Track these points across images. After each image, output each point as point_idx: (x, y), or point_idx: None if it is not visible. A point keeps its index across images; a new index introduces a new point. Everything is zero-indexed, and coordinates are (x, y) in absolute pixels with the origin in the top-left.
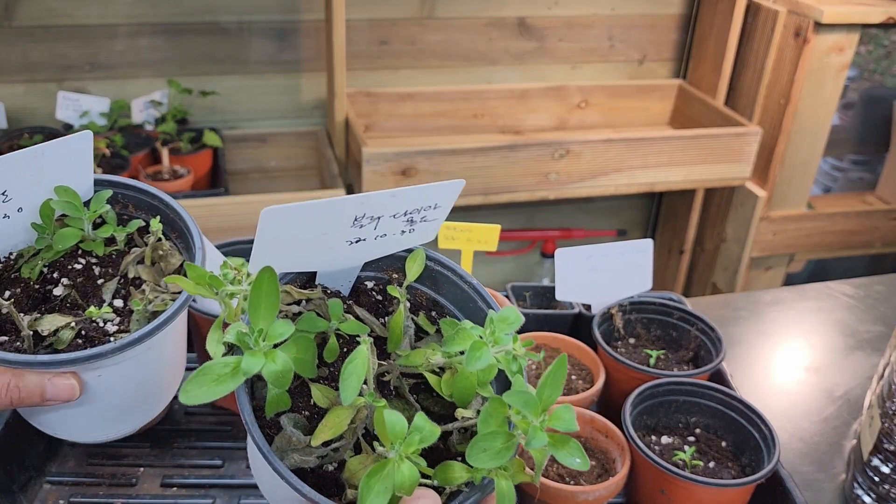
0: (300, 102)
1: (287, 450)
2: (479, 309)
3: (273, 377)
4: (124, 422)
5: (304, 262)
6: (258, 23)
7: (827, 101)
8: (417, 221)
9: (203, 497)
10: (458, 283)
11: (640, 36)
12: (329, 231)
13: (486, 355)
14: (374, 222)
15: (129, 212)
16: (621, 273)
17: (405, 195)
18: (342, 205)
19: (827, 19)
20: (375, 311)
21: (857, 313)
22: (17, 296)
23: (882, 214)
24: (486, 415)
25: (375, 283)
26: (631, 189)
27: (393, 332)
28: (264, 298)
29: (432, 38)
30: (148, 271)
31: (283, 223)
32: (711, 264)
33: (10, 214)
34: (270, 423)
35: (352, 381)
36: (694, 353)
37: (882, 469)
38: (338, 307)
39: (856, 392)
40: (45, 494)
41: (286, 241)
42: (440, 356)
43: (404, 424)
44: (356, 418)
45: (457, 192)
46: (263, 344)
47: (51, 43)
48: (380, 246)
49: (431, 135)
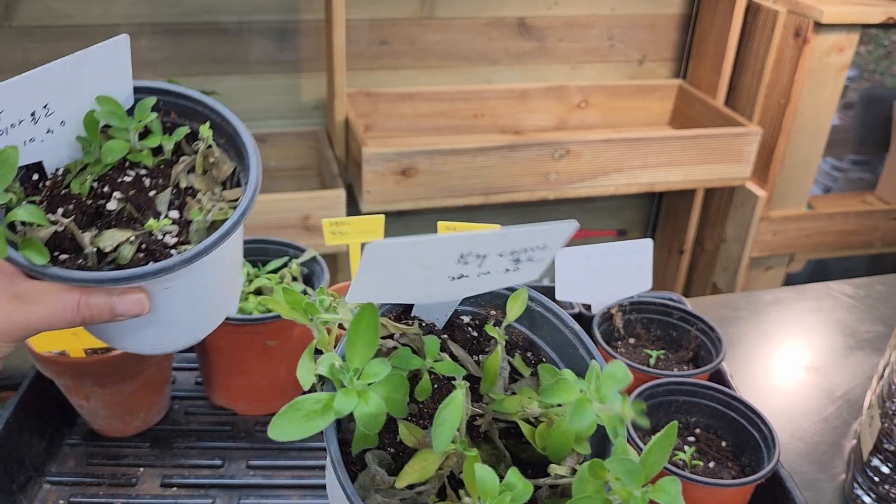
0: (300, 102)
1: (370, 489)
2: (579, 357)
3: (365, 419)
4: (188, 333)
5: (403, 295)
6: (258, 23)
7: (827, 101)
8: (523, 261)
9: (203, 497)
10: (559, 327)
11: (640, 36)
12: (433, 267)
13: (589, 414)
14: (480, 260)
15: (173, 119)
16: (621, 273)
17: (516, 235)
18: (450, 242)
19: (827, 19)
20: (470, 347)
21: (857, 313)
22: (71, 212)
23: (882, 214)
24: (583, 477)
25: (472, 318)
26: (631, 189)
27: (488, 373)
28: (363, 335)
29: (432, 38)
30: (200, 180)
31: (387, 258)
32: (711, 264)
33: (53, 129)
34: (354, 459)
35: (445, 428)
36: (694, 353)
37: (882, 469)
38: (434, 345)
39: (856, 392)
40: (45, 494)
41: (387, 275)
42: (537, 406)
43: (496, 482)
44: (444, 464)
45: (568, 235)
46: (358, 383)
47: (51, 43)
48: (482, 283)
49: (431, 135)
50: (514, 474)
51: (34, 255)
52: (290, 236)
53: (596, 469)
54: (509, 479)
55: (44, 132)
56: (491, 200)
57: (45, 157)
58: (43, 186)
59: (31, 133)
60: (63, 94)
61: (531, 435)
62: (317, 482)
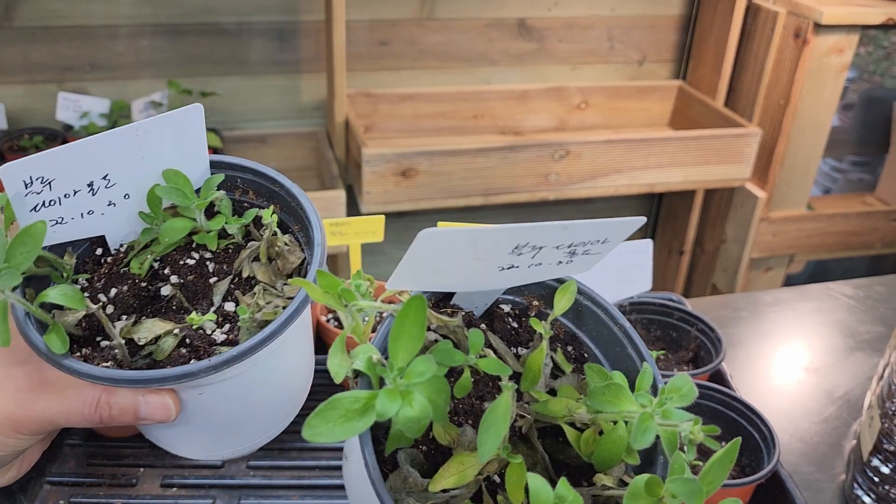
0: (300, 103)
1: (401, 491)
2: (627, 356)
3: (408, 423)
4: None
5: (448, 283)
6: (258, 23)
7: (827, 101)
8: (579, 254)
9: (203, 497)
10: (607, 323)
11: (640, 37)
12: (485, 257)
13: (652, 431)
14: (535, 251)
15: (250, 198)
16: (621, 273)
17: (578, 229)
18: (508, 233)
19: (826, 20)
20: (509, 338)
21: (857, 314)
22: (124, 294)
23: (882, 215)
24: (637, 492)
25: (512, 308)
26: (631, 190)
27: (530, 369)
28: (409, 329)
29: (432, 38)
30: (263, 270)
31: (439, 246)
32: (711, 265)
33: (115, 202)
34: (385, 458)
35: (491, 434)
36: (694, 354)
37: (882, 469)
38: (479, 340)
39: (856, 392)
40: (46, 495)
41: (435, 264)
42: (585, 411)
43: (549, 494)
44: (484, 469)
45: (632, 230)
46: (401, 382)
47: (51, 43)
48: (531, 273)
49: (431, 136)
50: (565, 486)
51: (54, 342)
52: None
53: (653, 486)
54: (560, 492)
55: (104, 204)
56: (491, 201)
57: (108, 231)
58: (104, 262)
59: (90, 205)
60: (125, 164)
61: (577, 441)
62: (317, 483)
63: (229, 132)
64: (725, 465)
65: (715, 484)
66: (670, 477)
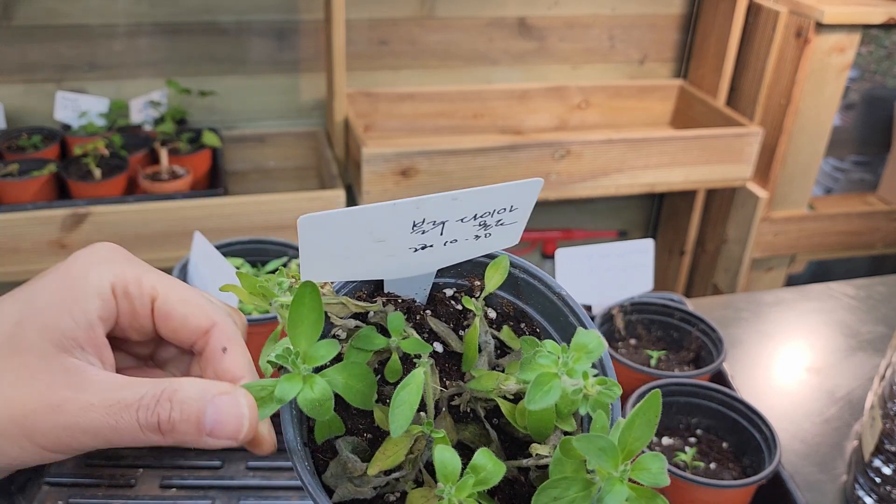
0: (299, 102)
1: (342, 476)
2: (570, 325)
3: (309, 405)
4: None
5: (362, 270)
6: (257, 23)
7: (828, 101)
8: (493, 225)
9: (202, 498)
10: (546, 294)
11: (641, 36)
12: (385, 238)
13: (554, 391)
14: (439, 227)
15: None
16: (622, 273)
17: (469, 198)
18: (396, 210)
19: (828, 20)
20: (455, 321)
21: (858, 314)
22: None
23: (883, 215)
24: (559, 457)
25: (456, 291)
26: (632, 189)
27: (467, 348)
28: (306, 315)
29: (432, 38)
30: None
31: (324, 231)
32: (712, 265)
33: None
34: (325, 447)
35: (402, 410)
36: (695, 354)
37: (883, 470)
38: (399, 321)
39: (857, 393)
40: (44, 496)
41: (335, 250)
42: (514, 383)
43: (457, 464)
44: (414, 448)
45: (535, 193)
46: (304, 367)
47: (49, 43)
48: (452, 252)
49: (431, 135)
50: (485, 454)
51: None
52: (289, 236)
53: (567, 448)
54: (477, 461)
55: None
56: None
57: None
58: None
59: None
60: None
61: (511, 414)
62: None
63: (228, 132)
64: (650, 421)
65: (639, 442)
66: (581, 436)
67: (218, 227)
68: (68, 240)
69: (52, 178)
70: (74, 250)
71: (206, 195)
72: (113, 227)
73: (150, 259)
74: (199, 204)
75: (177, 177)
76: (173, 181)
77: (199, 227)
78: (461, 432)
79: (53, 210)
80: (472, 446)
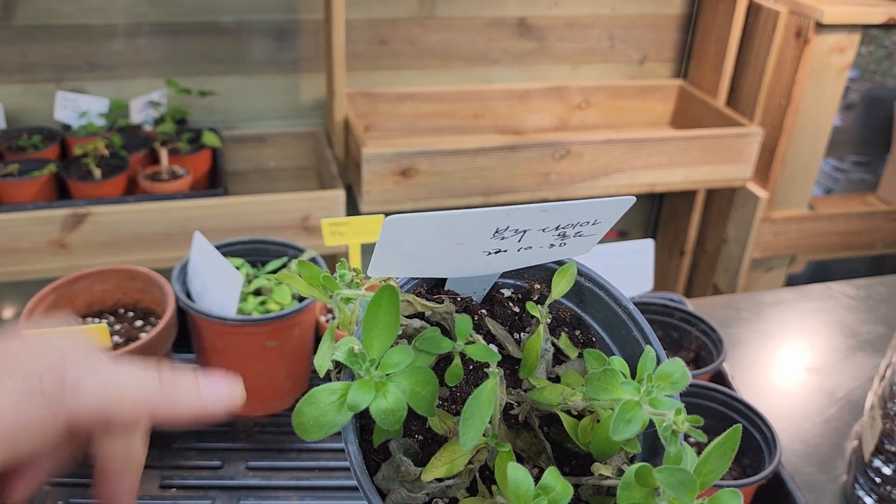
0: (299, 102)
1: (394, 480)
2: (633, 339)
3: (382, 416)
4: None
5: (432, 269)
6: (257, 22)
7: (828, 101)
8: (571, 236)
9: (202, 498)
10: (611, 306)
11: (641, 36)
12: (465, 241)
13: (637, 421)
14: (519, 235)
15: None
16: (622, 273)
17: (558, 212)
18: (481, 216)
19: (828, 20)
20: (511, 324)
21: (858, 314)
22: None
23: (883, 215)
24: (629, 482)
25: (514, 292)
26: (632, 190)
27: (528, 356)
28: (382, 318)
29: (432, 38)
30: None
31: (409, 233)
32: (712, 265)
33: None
34: (378, 448)
35: (473, 422)
36: (695, 354)
37: (883, 470)
38: (466, 325)
39: (857, 393)
40: (44, 496)
41: (409, 249)
42: (580, 398)
43: (530, 484)
44: (475, 458)
45: (623, 210)
46: (375, 373)
47: (49, 43)
48: (523, 257)
49: (431, 135)
50: (553, 474)
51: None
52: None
53: (644, 476)
54: (546, 481)
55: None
56: (491, 201)
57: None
58: None
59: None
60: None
61: (573, 429)
62: (317, 483)
63: (228, 132)
64: (726, 454)
65: (713, 475)
66: (661, 468)
67: (218, 227)
68: (68, 240)
69: (52, 179)
70: (74, 250)
71: (206, 195)
72: (113, 228)
73: (151, 259)
74: (199, 204)
75: (177, 177)
76: (173, 181)
77: (199, 227)
78: (514, 441)
79: (53, 210)
80: (524, 455)
